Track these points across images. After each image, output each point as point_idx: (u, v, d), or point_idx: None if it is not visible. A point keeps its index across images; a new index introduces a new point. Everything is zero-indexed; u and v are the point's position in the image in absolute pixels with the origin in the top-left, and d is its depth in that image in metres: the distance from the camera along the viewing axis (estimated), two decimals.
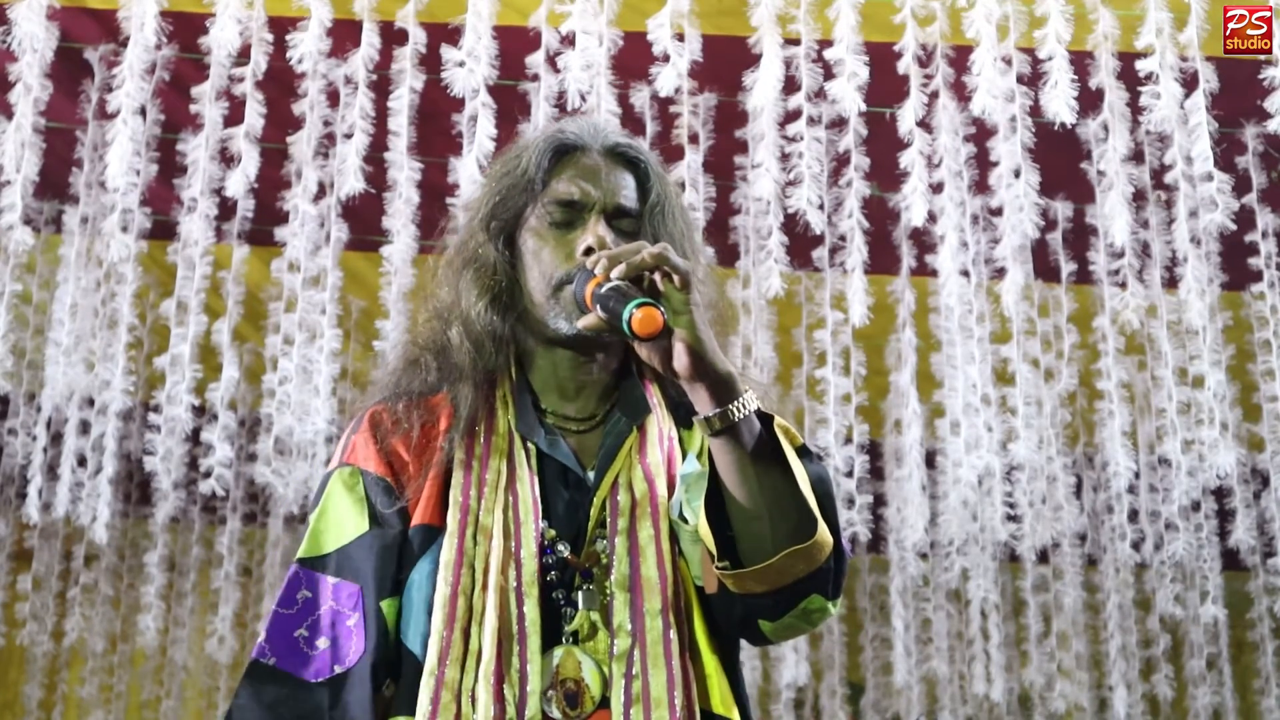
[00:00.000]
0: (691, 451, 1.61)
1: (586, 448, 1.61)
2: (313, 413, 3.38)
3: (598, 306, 1.45)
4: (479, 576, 1.50)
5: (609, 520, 1.54)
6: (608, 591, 1.52)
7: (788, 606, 1.48)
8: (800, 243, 3.39)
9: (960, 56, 2.98)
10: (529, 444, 1.59)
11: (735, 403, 1.43)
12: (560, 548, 1.54)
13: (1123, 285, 3.57)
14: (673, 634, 1.50)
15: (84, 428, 3.87)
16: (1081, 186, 3.48)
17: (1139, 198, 3.42)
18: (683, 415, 1.65)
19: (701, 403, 1.44)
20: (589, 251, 1.56)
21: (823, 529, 1.45)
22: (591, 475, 1.58)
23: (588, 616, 1.51)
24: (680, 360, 1.42)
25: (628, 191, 1.64)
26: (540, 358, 1.64)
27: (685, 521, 1.53)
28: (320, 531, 1.57)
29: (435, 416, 1.62)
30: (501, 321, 1.62)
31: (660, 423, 1.62)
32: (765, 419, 1.48)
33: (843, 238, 3.37)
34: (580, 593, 1.52)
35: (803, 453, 1.51)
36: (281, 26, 3.06)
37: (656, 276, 1.44)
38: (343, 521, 1.56)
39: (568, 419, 1.63)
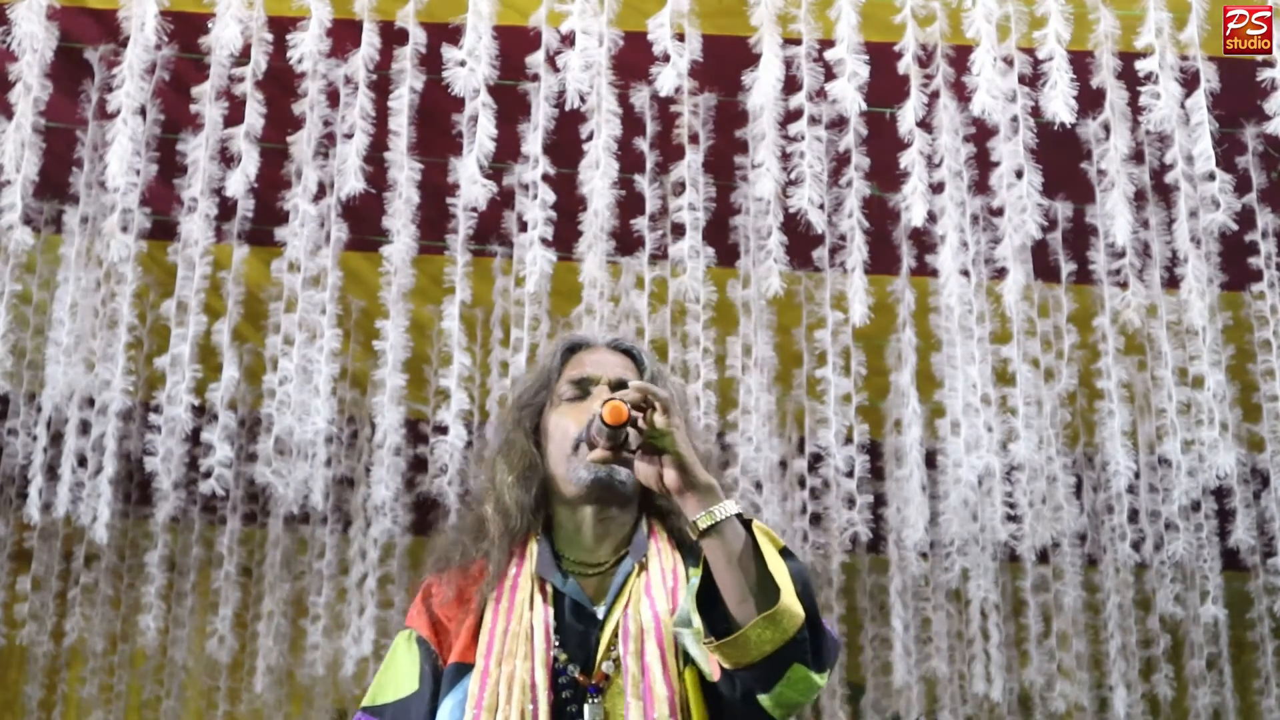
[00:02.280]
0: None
1: (601, 588, 1.93)
2: (313, 413, 3.37)
3: (595, 434, 1.80)
4: (503, 694, 1.82)
5: (620, 643, 1.85)
6: (623, 704, 1.81)
7: (775, 677, 1.71)
8: (800, 243, 3.39)
9: (960, 56, 2.98)
10: (547, 585, 1.92)
11: (716, 506, 1.73)
12: (571, 668, 1.85)
13: (1123, 285, 3.57)
14: None
15: (84, 428, 3.86)
16: (1081, 186, 3.48)
17: (1139, 198, 3.42)
18: (685, 553, 1.96)
19: (690, 510, 1.75)
20: None
21: (788, 599, 1.68)
22: (601, 609, 1.90)
23: None
24: (669, 475, 1.75)
25: (627, 370, 2.02)
26: (564, 517, 1.99)
27: (690, 625, 1.78)
28: (383, 684, 1.96)
29: (473, 578, 1.99)
30: (526, 493, 1.98)
31: (663, 562, 1.94)
32: (746, 523, 1.76)
33: (843, 238, 3.37)
34: (588, 706, 1.82)
35: (785, 553, 1.77)
36: (281, 26, 3.06)
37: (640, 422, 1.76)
38: (400, 679, 1.94)
39: (585, 565, 1.95)
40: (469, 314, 3.92)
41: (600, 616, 1.89)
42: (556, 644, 1.87)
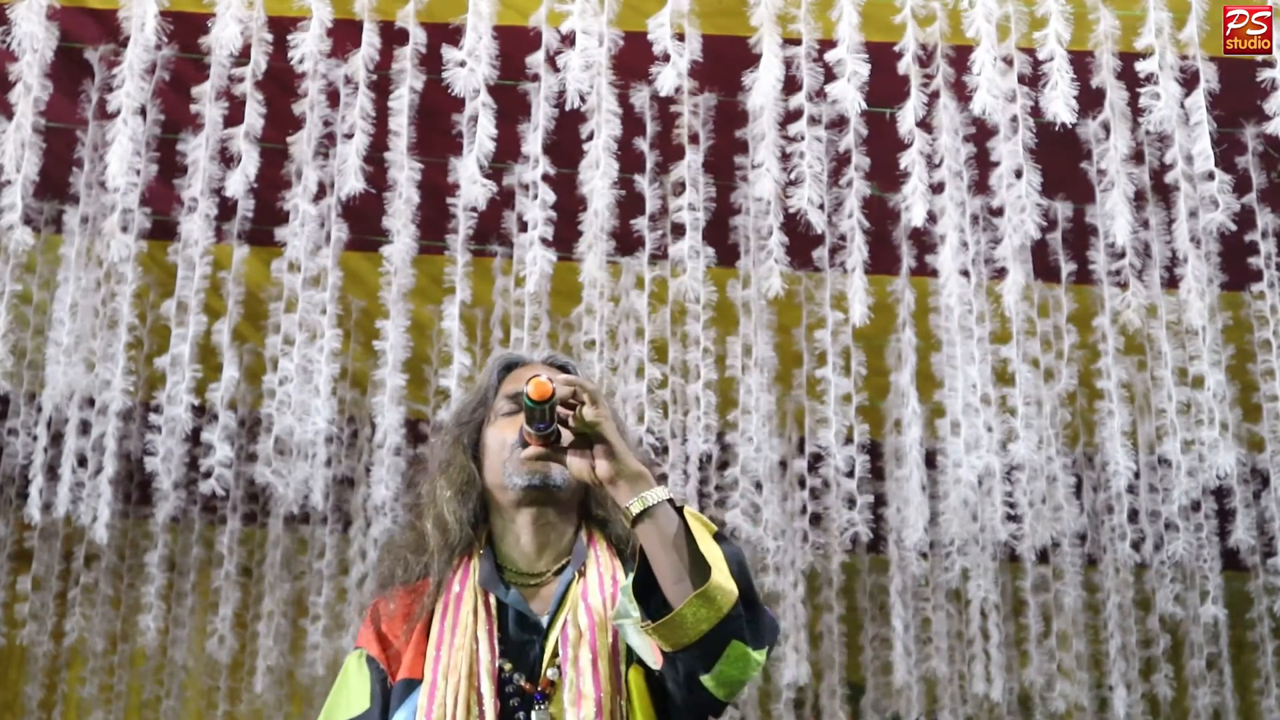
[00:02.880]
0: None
1: (542, 597, 1.99)
2: (313, 413, 3.37)
3: (526, 432, 1.83)
4: (450, 706, 1.87)
5: (561, 651, 1.91)
6: (563, 708, 1.87)
7: (714, 655, 1.75)
8: (800, 243, 3.38)
9: (960, 56, 2.98)
10: (491, 597, 1.97)
11: (648, 492, 1.78)
12: (517, 677, 1.92)
13: (1123, 285, 3.57)
14: None
15: (84, 428, 3.86)
16: (1081, 186, 3.48)
17: (1139, 198, 3.42)
18: (624, 560, 2.02)
19: (622, 497, 1.79)
20: None
21: (719, 576, 1.72)
22: (545, 618, 1.96)
23: None
24: (601, 465, 1.79)
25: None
26: (504, 529, 2.04)
27: (629, 616, 1.81)
28: (335, 705, 2.00)
29: (417, 593, 2.04)
30: (464, 506, 2.04)
31: (601, 568, 1.99)
32: (679, 509, 1.80)
33: (843, 238, 3.37)
34: (534, 713, 1.89)
35: (719, 537, 1.81)
36: (281, 26, 3.06)
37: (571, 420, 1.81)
38: (351, 698, 1.99)
39: (527, 575, 2.01)
40: (469, 314, 3.92)
41: (544, 625, 1.95)
42: (501, 654, 1.93)
